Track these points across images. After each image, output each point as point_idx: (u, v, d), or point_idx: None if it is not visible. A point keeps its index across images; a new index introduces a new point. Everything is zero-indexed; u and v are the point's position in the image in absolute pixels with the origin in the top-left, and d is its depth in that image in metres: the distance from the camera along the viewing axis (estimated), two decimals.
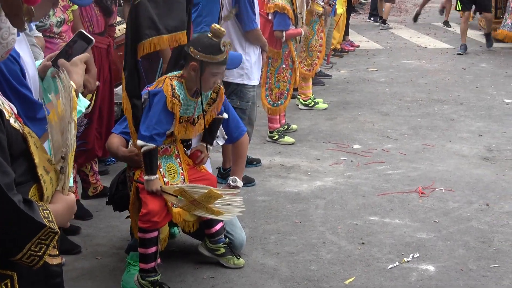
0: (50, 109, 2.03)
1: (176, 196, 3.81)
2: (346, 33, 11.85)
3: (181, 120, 3.86)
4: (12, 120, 1.92)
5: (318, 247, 4.52)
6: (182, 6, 3.90)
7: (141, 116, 3.82)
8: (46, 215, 1.89)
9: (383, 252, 4.45)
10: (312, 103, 8.09)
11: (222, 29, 3.78)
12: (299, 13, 6.50)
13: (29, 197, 1.94)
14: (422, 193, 5.44)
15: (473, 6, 11.84)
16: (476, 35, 13.04)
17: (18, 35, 2.19)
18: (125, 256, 4.24)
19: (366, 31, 14.16)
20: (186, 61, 3.85)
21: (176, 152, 4.02)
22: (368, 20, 15.63)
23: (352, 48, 11.99)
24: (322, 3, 7.33)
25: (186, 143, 4.10)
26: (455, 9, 13.37)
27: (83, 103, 2.70)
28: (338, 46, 11.42)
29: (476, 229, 4.78)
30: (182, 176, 4.00)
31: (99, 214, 5.00)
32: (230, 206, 3.92)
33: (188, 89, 3.86)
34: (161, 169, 3.92)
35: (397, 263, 4.28)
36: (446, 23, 14.23)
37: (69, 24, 4.49)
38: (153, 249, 3.89)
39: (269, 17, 6.41)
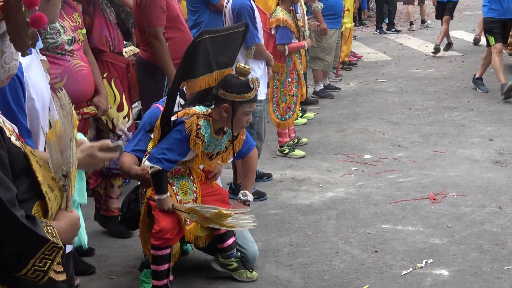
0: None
1: (188, 214, 3.84)
2: None
3: (202, 155, 3.90)
4: (13, 138, 1.95)
5: (331, 257, 4.53)
6: (236, 42, 3.92)
7: None
8: (50, 231, 1.90)
9: (396, 259, 4.44)
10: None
11: (247, 67, 3.81)
12: (302, 26, 6.54)
13: (33, 214, 1.95)
14: (434, 199, 5.43)
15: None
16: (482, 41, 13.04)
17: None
18: (139, 274, 4.26)
19: (374, 43, 14.21)
20: (216, 104, 3.86)
21: (188, 172, 4.05)
22: (375, 32, 15.70)
23: (355, 59, 12.04)
24: (304, 15, 7.12)
25: None
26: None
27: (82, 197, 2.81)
28: (346, 59, 11.47)
29: (489, 232, 4.76)
30: (194, 194, 4.03)
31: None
32: (242, 222, 3.94)
33: (214, 128, 3.88)
34: (173, 187, 3.95)
35: (411, 269, 4.27)
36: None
37: (80, 44, 4.58)
38: (165, 266, 3.92)
39: (272, 32, 6.46)
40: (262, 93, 5.82)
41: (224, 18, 5.61)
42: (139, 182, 4.20)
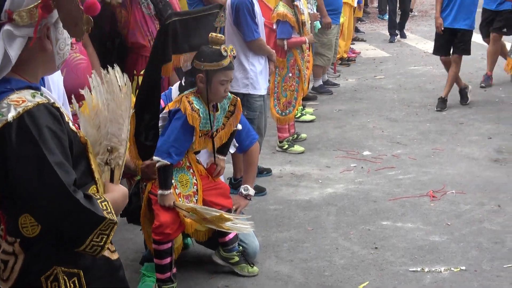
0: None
1: (188, 212, 3.84)
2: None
3: (200, 134, 3.88)
4: (70, 124, 2.04)
5: (331, 253, 4.54)
6: (210, 23, 3.91)
7: (143, 130, 3.85)
8: (105, 207, 2.01)
9: (396, 256, 4.45)
10: (299, 114, 7.98)
11: (219, 35, 3.81)
12: (303, 22, 6.53)
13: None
14: (433, 196, 5.44)
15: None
16: (481, 39, 13.03)
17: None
18: (139, 267, 4.27)
19: (373, 40, 14.20)
20: (194, 76, 3.88)
21: (188, 164, 4.04)
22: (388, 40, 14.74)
23: (354, 55, 12.00)
24: (306, 11, 6.97)
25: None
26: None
27: None
28: (345, 55, 11.44)
29: (488, 230, 4.78)
30: (195, 186, 4.02)
31: None
32: (240, 226, 3.93)
33: (205, 103, 3.87)
34: (173, 181, 3.94)
35: (411, 266, 4.29)
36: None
37: None
38: (167, 260, 3.93)
39: (274, 27, 6.46)
40: (262, 88, 5.82)
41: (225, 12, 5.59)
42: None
